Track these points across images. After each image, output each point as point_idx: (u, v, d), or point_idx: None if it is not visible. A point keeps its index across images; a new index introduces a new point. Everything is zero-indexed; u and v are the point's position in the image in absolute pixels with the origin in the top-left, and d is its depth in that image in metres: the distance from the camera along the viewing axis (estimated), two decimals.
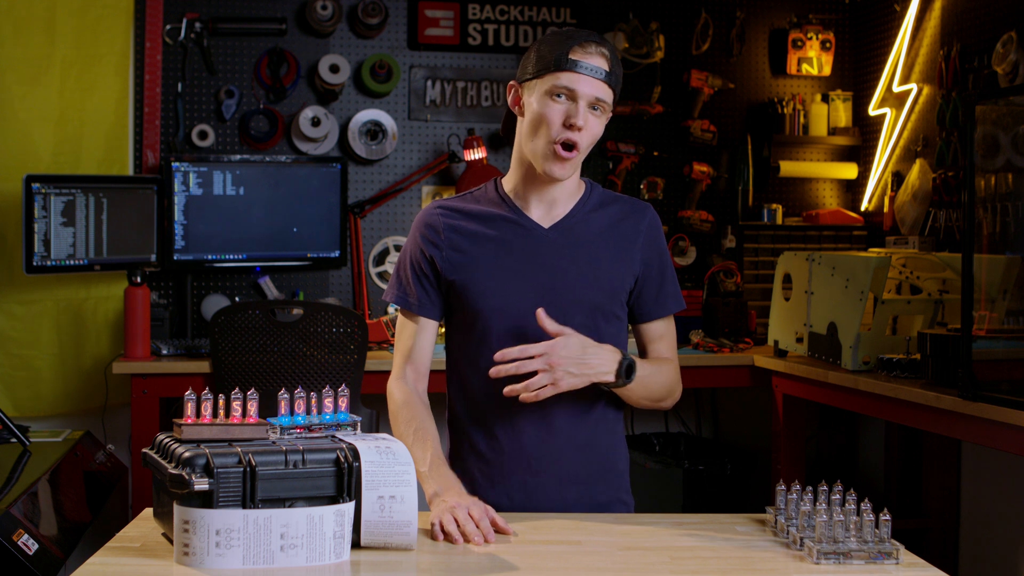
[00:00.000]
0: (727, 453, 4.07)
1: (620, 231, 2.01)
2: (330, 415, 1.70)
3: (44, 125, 3.85)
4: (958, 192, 3.80)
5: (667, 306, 2.04)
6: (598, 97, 1.89)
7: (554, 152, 1.89)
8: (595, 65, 1.87)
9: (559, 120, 1.88)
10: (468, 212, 2.01)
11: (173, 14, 4.09)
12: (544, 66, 1.89)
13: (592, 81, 1.87)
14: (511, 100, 1.98)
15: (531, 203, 2.00)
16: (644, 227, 2.02)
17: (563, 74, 1.87)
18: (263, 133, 4.16)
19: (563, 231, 1.98)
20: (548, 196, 1.99)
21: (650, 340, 2.05)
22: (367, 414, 3.53)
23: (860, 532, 1.62)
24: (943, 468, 3.85)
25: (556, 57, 1.87)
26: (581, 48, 1.87)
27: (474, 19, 4.32)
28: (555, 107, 1.88)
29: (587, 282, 1.96)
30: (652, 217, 2.05)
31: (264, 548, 1.50)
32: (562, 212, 2.00)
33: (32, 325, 3.86)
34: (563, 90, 1.88)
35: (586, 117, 1.88)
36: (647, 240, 2.02)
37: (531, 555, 1.63)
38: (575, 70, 1.86)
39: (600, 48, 1.89)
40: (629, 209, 2.04)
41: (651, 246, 2.02)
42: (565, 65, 1.86)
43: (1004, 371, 2.76)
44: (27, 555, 2.23)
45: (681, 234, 4.44)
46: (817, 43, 4.49)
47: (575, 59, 1.87)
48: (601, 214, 2.01)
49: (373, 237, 4.28)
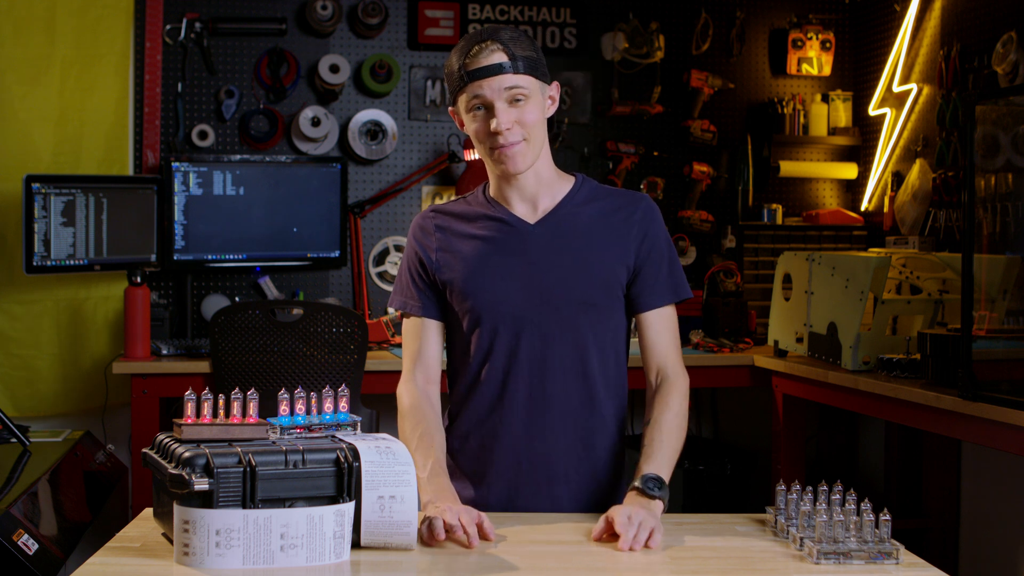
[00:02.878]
0: (727, 453, 4.07)
1: (612, 223, 1.99)
2: (330, 415, 1.70)
3: (44, 125, 3.85)
4: (958, 192, 3.80)
5: (663, 295, 1.99)
6: (509, 88, 1.88)
7: (498, 157, 1.91)
8: (489, 64, 1.87)
9: (484, 132, 1.90)
10: (457, 214, 2.03)
11: (173, 14, 4.09)
12: (454, 86, 1.92)
13: (494, 80, 1.87)
14: (457, 124, 1.99)
15: (513, 201, 2.00)
16: (637, 217, 1.99)
17: (467, 88, 1.89)
18: (263, 133, 4.16)
19: (550, 226, 1.98)
20: (527, 193, 1.99)
21: (645, 333, 2.00)
22: (367, 414, 3.53)
23: (860, 532, 1.62)
24: (943, 468, 3.85)
25: (456, 77, 1.90)
26: (471, 56, 1.88)
27: (474, 19, 4.32)
28: (477, 121, 1.90)
29: (578, 275, 1.95)
30: (646, 207, 2.01)
31: (264, 548, 1.50)
32: (548, 206, 1.99)
33: (32, 325, 3.86)
34: (475, 102, 1.89)
35: (507, 113, 1.88)
36: (641, 230, 1.98)
37: (531, 555, 1.63)
38: (474, 79, 1.87)
39: (490, 44, 1.88)
40: (623, 201, 2.01)
41: (646, 235, 1.98)
42: (466, 79, 1.88)
43: (1004, 371, 2.76)
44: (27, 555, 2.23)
45: (681, 234, 4.44)
46: (817, 43, 4.49)
47: (470, 68, 1.88)
48: (592, 207, 2.00)
49: (373, 237, 4.28)
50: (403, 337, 2.06)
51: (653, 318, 2.01)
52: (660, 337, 2.00)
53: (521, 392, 1.95)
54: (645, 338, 2.02)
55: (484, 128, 1.90)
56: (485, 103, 1.89)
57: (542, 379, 1.95)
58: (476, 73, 1.87)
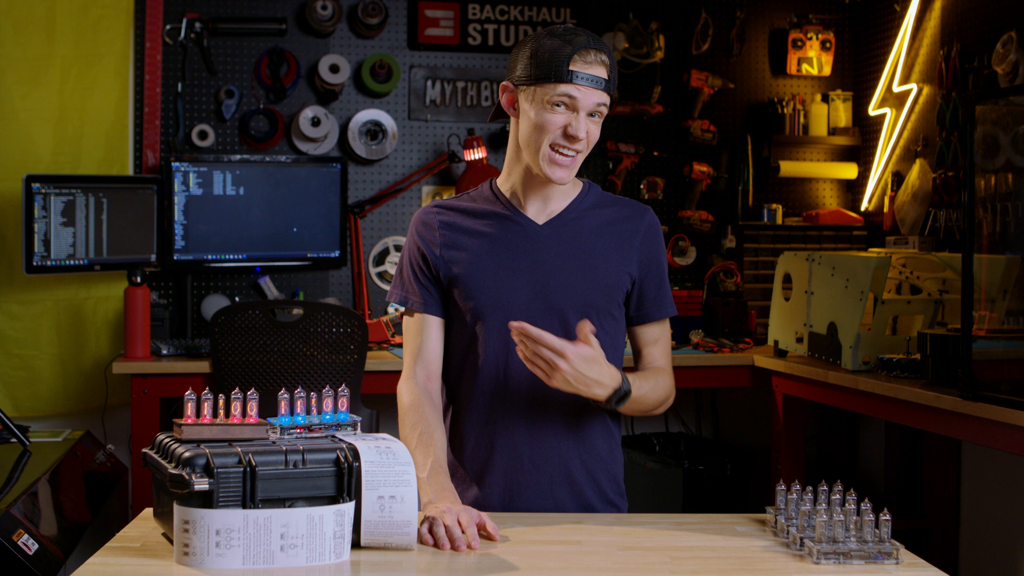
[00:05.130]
0: (727, 453, 4.07)
1: (618, 231, 2.00)
2: (330, 415, 1.70)
3: (44, 125, 3.85)
4: (958, 192, 3.80)
5: (664, 309, 2.03)
6: (598, 104, 1.88)
7: (554, 159, 1.89)
8: (595, 75, 1.86)
9: (559, 130, 1.87)
10: (463, 209, 2.02)
11: (173, 14, 4.09)
12: (543, 74, 1.86)
13: (592, 91, 1.86)
14: (504, 101, 1.96)
15: (527, 202, 1.99)
16: (643, 228, 2.01)
17: (563, 85, 1.86)
18: (263, 133, 4.16)
19: (558, 228, 1.98)
20: (543, 194, 1.99)
21: (645, 344, 2.03)
22: (367, 414, 3.53)
23: (860, 532, 1.62)
24: (943, 468, 3.85)
25: (556, 67, 1.85)
26: (581, 58, 1.86)
27: (474, 19, 4.32)
28: (555, 116, 1.87)
29: (582, 279, 1.96)
30: (651, 220, 2.04)
31: (264, 548, 1.51)
32: (557, 208, 2.00)
33: (32, 325, 3.86)
34: (563, 100, 1.86)
35: (587, 126, 1.88)
36: (645, 241, 2.01)
37: (531, 555, 1.63)
38: (575, 81, 1.85)
39: (600, 56, 1.87)
40: (628, 212, 2.03)
41: (649, 248, 2.01)
42: (566, 77, 1.85)
43: (1004, 371, 2.76)
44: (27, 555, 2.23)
45: (681, 234, 4.45)
46: (817, 43, 4.49)
47: (575, 70, 1.85)
48: (599, 213, 2.01)
49: (373, 237, 4.28)
50: (404, 333, 2.05)
51: (651, 331, 2.03)
52: (656, 348, 2.04)
53: (522, 391, 1.95)
54: (641, 350, 2.05)
55: (559, 125, 1.87)
56: (573, 107, 1.87)
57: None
58: (583, 77, 1.85)
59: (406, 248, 2.05)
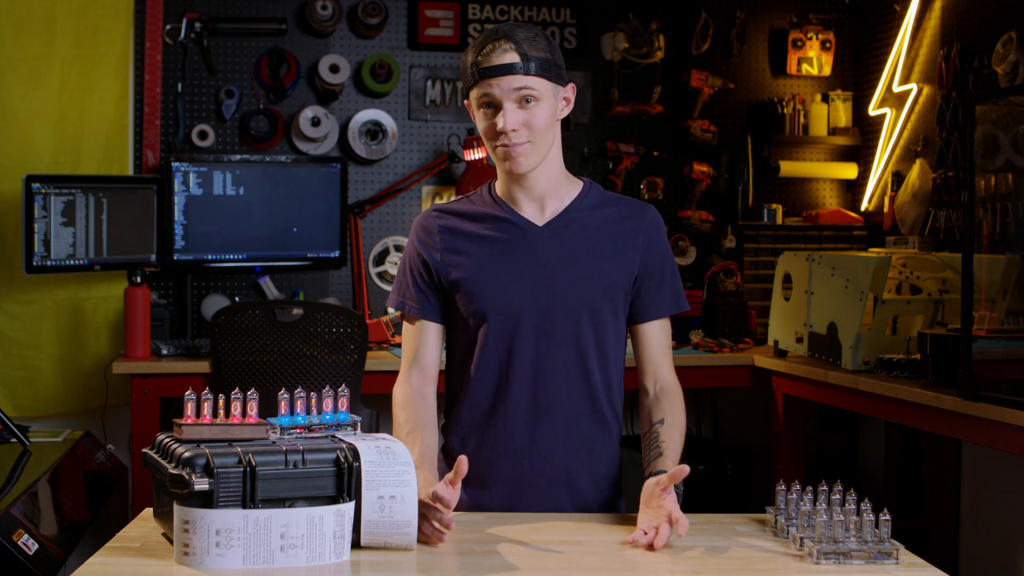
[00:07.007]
0: (727, 453, 4.07)
1: (619, 231, 2.00)
2: (330, 415, 1.70)
3: (44, 125, 3.85)
4: (958, 192, 3.80)
5: (663, 307, 2.01)
6: (518, 88, 1.87)
7: (505, 154, 1.91)
8: (502, 63, 1.86)
9: (491, 130, 1.90)
10: (463, 213, 2.02)
11: (173, 14, 4.09)
12: (467, 82, 1.92)
13: (504, 80, 1.86)
14: (471, 117, 1.99)
15: (521, 202, 1.99)
16: (644, 227, 2.01)
17: (479, 84, 1.88)
18: (263, 133, 4.16)
19: (558, 228, 1.98)
20: (535, 194, 1.98)
21: (644, 342, 2.02)
22: (367, 414, 3.53)
23: (860, 532, 1.62)
24: (943, 468, 3.85)
25: (470, 73, 1.90)
26: (484, 54, 1.87)
27: (474, 19, 4.32)
28: (486, 119, 1.90)
29: (583, 280, 1.96)
30: (653, 217, 2.03)
31: (264, 548, 1.51)
32: (556, 209, 1.99)
33: (32, 325, 3.86)
34: (484, 100, 1.89)
35: (515, 114, 1.87)
36: (647, 240, 2.00)
37: (531, 555, 1.63)
38: (485, 78, 1.87)
39: (504, 43, 1.87)
40: (629, 210, 2.02)
41: (651, 246, 2.01)
42: (478, 76, 1.88)
43: (1004, 371, 2.76)
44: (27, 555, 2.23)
45: (681, 234, 4.45)
46: (817, 43, 4.49)
47: (482, 66, 1.87)
48: (599, 213, 2.01)
49: (373, 237, 4.28)
50: (402, 337, 2.06)
51: (652, 328, 2.02)
52: (658, 346, 2.03)
53: (523, 394, 1.95)
54: (642, 347, 2.04)
55: (491, 127, 1.90)
56: (494, 102, 1.88)
57: (544, 381, 1.95)
58: (487, 71, 1.87)
59: (406, 253, 2.05)
